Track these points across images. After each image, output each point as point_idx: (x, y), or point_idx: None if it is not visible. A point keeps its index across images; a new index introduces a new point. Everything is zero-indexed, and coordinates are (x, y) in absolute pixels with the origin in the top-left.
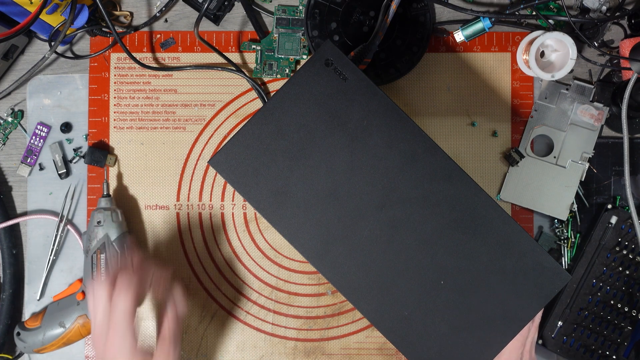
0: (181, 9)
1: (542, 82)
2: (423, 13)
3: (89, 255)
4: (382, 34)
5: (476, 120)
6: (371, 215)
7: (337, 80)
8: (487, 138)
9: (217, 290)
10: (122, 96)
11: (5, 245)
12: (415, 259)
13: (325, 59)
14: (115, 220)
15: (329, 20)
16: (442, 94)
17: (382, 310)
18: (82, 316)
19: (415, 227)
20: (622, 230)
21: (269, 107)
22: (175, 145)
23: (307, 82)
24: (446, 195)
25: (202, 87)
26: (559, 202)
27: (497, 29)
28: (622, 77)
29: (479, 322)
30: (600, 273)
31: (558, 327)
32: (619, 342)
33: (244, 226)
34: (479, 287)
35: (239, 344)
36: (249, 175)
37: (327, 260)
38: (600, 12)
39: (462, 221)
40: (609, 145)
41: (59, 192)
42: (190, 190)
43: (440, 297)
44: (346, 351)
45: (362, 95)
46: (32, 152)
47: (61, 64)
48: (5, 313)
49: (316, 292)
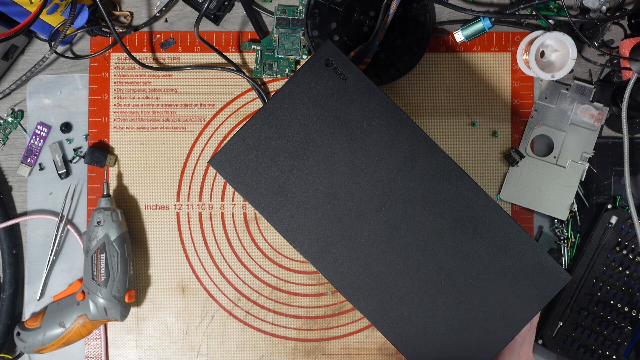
0: (181, 9)
1: (542, 82)
2: (423, 13)
3: (89, 255)
4: (382, 33)
5: (476, 120)
6: (371, 215)
7: (337, 80)
8: (487, 138)
9: (217, 290)
10: (122, 96)
11: (5, 245)
12: (415, 259)
13: (325, 59)
14: (115, 220)
15: (329, 20)
16: (442, 94)
17: (382, 310)
18: (82, 316)
19: (415, 227)
20: (622, 230)
21: (269, 107)
22: (175, 145)
23: (307, 82)
24: (446, 195)
25: (202, 87)
26: (559, 202)
27: (497, 29)
28: (622, 77)
29: (479, 322)
30: (600, 273)
31: (558, 327)
32: (619, 342)
33: (244, 226)
34: (479, 287)
35: (239, 344)
36: (248, 176)
37: (327, 260)
38: (600, 12)
39: (462, 221)
40: (609, 145)
41: (59, 192)
42: (190, 190)
43: (440, 297)
44: (346, 351)
45: (362, 95)
46: (32, 152)
47: (61, 64)
48: (5, 313)
49: (316, 292)
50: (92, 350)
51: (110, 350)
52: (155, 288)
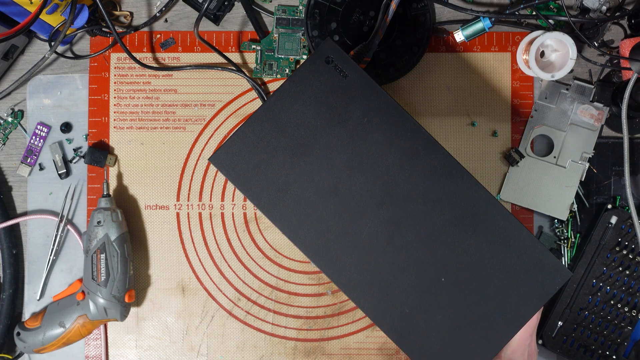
0: (181, 9)
1: (542, 82)
2: (423, 13)
3: (89, 255)
4: (381, 33)
5: (476, 120)
6: (372, 212)
7: (338, 77)
8: (487, 138)
9: (217, 290)
10: (122, 96)
11: (5, 245)
12: (415, 256)
13: (325, 57)
14: (115, 220)
15: (329, 20)
16: (442, 93)
17: (382, 307)
18: (82, 316)
19: (416, 224)
20: (622, 230)
21: (270, 104)
22: (175, 145)
23: (307, 79)
24: (446, 192)
25: (202, 87)
26: (559, 202)
27: (497, 29)
28: (622, 77)
29: (480, 319)
30: (600, 273)
31: (558, 327)
32: (619, 342)
33: (244, 226)
34: (480, 284)
35: (239, 344)
36: (249, 173)
37: (328, 257)
38: (600, 12)
39: (462, 218)
40: (609, 145)
41: (59, 192)
42: (190, 190)
43: (441, 294)
44: (346, 351)
45: (362, 92)
46: (32, 152)
47: (61, 64)
48: (5, 313)
49: (316, 292)
50: (92, 350)
51: (110, 350)
52: (155, 288)
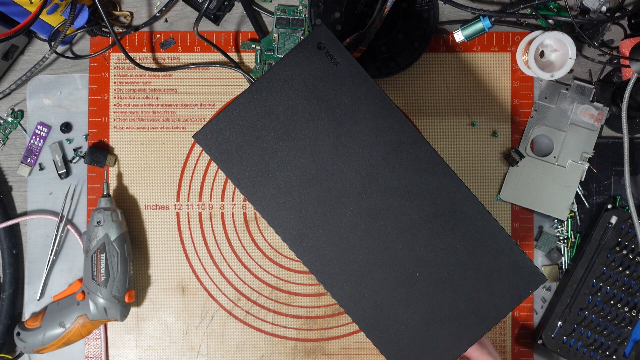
0: (181, 9)
1: (542, 82)
2: (427, 9)
3: (89, 255)
4: (379, 22)
5: (476, 120)
6: (352, 202)
7: (328, 64)
8: (487, 138)
9: (217, 290)
10: (122, 96)
11: (5, 245)
12: (392, 249)
13: (317, 42)
14: (115, 220)
15: (333, 9)
16: (442, 93)
17: (354, 297)
18: (82, 316)
19: (395, 217)
20: (622, 230)
21: (258, 86)
22: (175, 145)
23: (297, 63)
24: (428, 187)
25: (202, 87)
26: (559, 202)
27: (496, 29)
28: (622, 77)
29: (451, 316)
30: (600, 273)
31: (558, 327)
32: (619, 342)
33: (244, 226)
34: (454, 282)
35: (239, 344)
36: (232, 153)
37: (304, 243)
38: (600, 12)
39: (442, 215)
40: (609, 145)
41: (59, 192)
42: (190, 190)
43: (414, 288)
44: (346, 351)
45: (352, 81)
46: (32, 152)
47: (61, 64)
48: (5, 313)
49: (316, 292)
50: (92, 350)
51: (110, 350)
52: (155, 288)
